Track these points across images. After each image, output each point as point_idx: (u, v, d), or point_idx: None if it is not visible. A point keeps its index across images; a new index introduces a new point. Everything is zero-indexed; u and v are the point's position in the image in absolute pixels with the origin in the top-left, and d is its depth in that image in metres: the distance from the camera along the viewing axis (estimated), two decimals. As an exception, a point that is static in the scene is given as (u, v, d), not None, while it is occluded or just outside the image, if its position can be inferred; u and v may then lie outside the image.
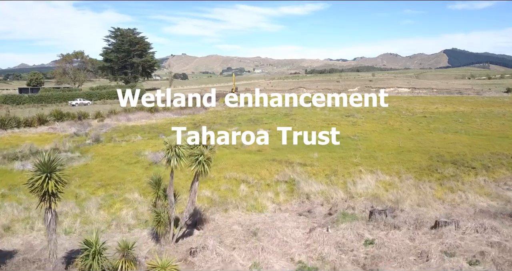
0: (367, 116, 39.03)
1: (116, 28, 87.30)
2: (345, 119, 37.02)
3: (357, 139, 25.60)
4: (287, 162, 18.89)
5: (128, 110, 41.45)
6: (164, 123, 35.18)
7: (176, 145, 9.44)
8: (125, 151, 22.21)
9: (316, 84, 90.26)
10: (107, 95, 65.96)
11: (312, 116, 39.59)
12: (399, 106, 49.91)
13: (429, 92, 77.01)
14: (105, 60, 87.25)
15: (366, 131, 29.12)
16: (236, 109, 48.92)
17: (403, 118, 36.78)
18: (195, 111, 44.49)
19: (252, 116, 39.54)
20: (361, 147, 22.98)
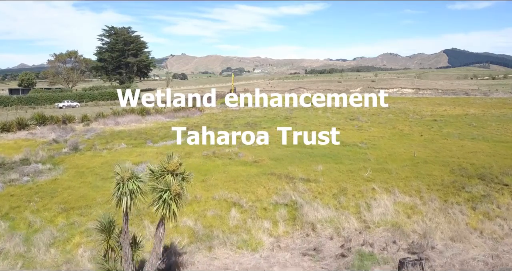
0: (373, 119, 36.46)
1: (110, 27, 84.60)
2: (350, 123, 34.44)
3: (365, 147, 23.01)
4: (287, 177, 16.30)
5: (118, 113, 38.88)
6: (154, 127, 32.59)
7: (130, 177, 6.83)
8: (104, 162, 19.61)
9: (317, 85, 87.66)
10: (100, 96, 63.29)
11: (314, 119, 37.01)
12: (405, 108, 47.34)
13: (434, 93, 74.39)
14: (99, 60, 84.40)
15: (374, 137, 26.53)
16: (233, 112, 46.32)
17: (412, 122, 34.20)
18: (189, 114, 41.89)
19: (250, 120, 36.96)
20: (370, 156, 20.39)
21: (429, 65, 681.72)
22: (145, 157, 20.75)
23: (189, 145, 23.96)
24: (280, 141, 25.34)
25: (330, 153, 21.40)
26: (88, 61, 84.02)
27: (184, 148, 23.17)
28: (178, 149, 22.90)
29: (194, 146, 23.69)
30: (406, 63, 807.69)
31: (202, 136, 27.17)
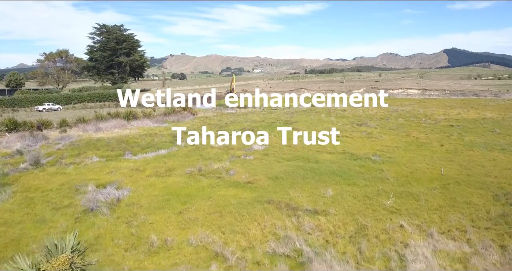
0: (383, 125, 32.96)
1: (101, 25, 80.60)
2: (357, 129, 30.95)
3: (379, 161, 19.51)
4: (289, 207, 12.80)
5: (101, 118, 35.37)
6: (139, 134, 29.06)
7: None
8: (64, 183, 16.08)
9: (318, 85, 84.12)
10: (89, 98, 59.70)
11: (317, 124, 33.51)
12: (415, 111, 43.82)
13: (442, 94, 70.89)
14: (90, 60, 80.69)
15: (388, 147, 23.02)
16: (229, 115, 42.83)
17: (427, 128, 30.69)
18: (180, 118, 38.38)
19: (246, 125, 33.45)
20: (388, 174, 16.89)
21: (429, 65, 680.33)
22: (116, 175, 17.24)
23: (172, 158, 20.46)
24: (280, 152, 21.89)
25: (339, 169, 17.89)
26: (80, 61, 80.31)
27: (166, 162, 19.66)
28: (159, 163, 19.41)
29: (178, 159, 20.19)
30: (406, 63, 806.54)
31: (189, 146, 23.69)
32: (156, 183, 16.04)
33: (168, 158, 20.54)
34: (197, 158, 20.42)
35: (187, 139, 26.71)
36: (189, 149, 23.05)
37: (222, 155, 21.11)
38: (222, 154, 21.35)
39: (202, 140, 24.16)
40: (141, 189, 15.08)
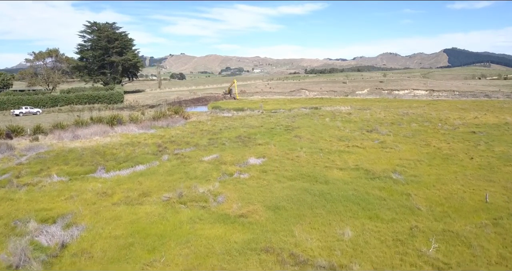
0: (395, 131, 29.43)
1: (92, 22, 76.79)
2: (368, 136, 27.41)
3: (402, 181, 15.96)
4: (294, 259, 9.26)
5: (81, 123, 31.82)
6: (120, 143, 25.49)
7: None
8: (2, 216, 12.51)
9: (320, 86, 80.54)
10: (76, 100, 56.03)
11: (322, 131, 29.96)
12: (427, 114, 40.27)
13: (451, 95, 67.29)
14: (80, 59, 76.99)
15: (409, 161, 19.46)
16: (224, 119, 39.25)
17: (446, 135, 27.15)
18: (170, 123, 34.81)
19: (242, 132, 29.91)
20: (417, 201, 13.40)
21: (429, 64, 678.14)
22: (76, 202, 13.68)
23: (150, 177, 16.90)
24: (281, 167, 18.35)
25: (356, 193, 14.35)
26: (70, 61, 76.49)
27: (141, 183, 16.09)
28: (133, 184, 15.86)
29: (158, 179, 16.63)
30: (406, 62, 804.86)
31: (173, 160, 20.14)
32: (123, 215, 12.50)
33: (145, 177, 16.98)
34: (181, 177, 16.86)
35: (174, 149, 23.21)
36: (173, 163, 19.49)
37: (211, 172, 17.57)
38: (211, 171, 17.80)
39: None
40: (101, 226, 11.54)
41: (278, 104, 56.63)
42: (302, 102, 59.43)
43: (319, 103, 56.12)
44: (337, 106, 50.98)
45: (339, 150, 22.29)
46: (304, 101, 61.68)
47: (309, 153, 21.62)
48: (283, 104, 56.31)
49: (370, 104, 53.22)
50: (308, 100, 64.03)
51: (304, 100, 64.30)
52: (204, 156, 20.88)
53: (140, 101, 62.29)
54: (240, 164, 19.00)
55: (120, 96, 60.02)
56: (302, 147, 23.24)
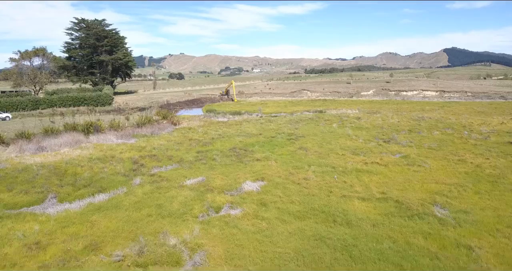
0: (416, 140, 25.14)
1: (80, 19, 72.15)
2: (386, 148, 23.09)
3: (452, 222, 11.67)
4: None
5: (52, 131, 27.51)
6: (90, 158, 21.13)
7: None
8: None
9: (322, 87, 76.24)
10: (60, 102, 51.70)
11: (331, 140, 25.64)
12: (446, 119, 35.99)
13: (463, 97, 62.97)
14: (68, 58, 72.43)
15: (448, 186, 15.15)
16: (219, 125, 34.90)
17: (479, 147, 22.83)
18: (156, 130, 30.50)
19: (238, 142, 25.59)
20: (488, 262, 9.10)
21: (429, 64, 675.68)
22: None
23: (109, 214, 12.58)
24: (285, 196, 14.07)
25: (393, 246, 10.05)
26: (57, 60, 71.97)
27: (94, 224, 11.78)
28: (82, 227, 11.55)
29: (118, 217, 12.31)
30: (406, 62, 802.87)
31: (146, 185, 15.84)
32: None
33: (103, 213, 12.66)
34: (150, 213, 12.55)
35: (152, 167, 18.92)
36: (146, 189, 15.17)
37: (192, 205, 13.27)
38: (193, 203, 13.50)
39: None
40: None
41: (279, 107, 52.37)
42: (304, 105, 55.14)
43: (323, 106, 51.84)
44: (343, 109, 46.71)
45: (356, 169, 17.98)
46: (306, 104, 57.39)
47: (319, 173, 17.32)
48: (284, 107, 52.03)
49: (379, 107, 48.95)
50: (310, 102, 59.73)
51: (306, 102, 60.01)
52: (187, 178, 16.57)
53: (130, 104, 57.99)
54: (232, 191, 14.70)
55: (108, 98, 55.67)
56: (310, 164, 18.94)
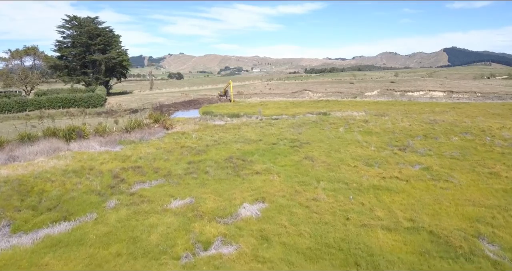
0: (435, 148, 22.44)
1: (71, 16, 69.29)
2: (403, 157, 20.37)
3: (507, 265, 8.95)
4: None
5: (29, 138, 24.78)
6: (65, 170, 18.38)
7: None
8: None
9: (325, 87, 73.56)
10: (48, 103, 48.96)
11: (340, 148, 22.91)
12: (461, 122, 33.27)
13: (473, 97, 60.30)
14: (59, 58, 69.69)
15: (489, 211, 12.45)
16: (215, 129, 32.17)
17: (508, 157, 20.14)
18: (146, 135, 27.78)
19: (235, 149, 22.88)
20: None
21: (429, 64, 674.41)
22: None
23: (66, 254, 9.85)
24: (292, 226, 11.37)
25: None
26: (49, 59, 69.23)
27: (44, 269, 9.04)
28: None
29: (76, 260, 9.59)
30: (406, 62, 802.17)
31: (122, 208, 13.16)
32: None
33: (60, 252, 9.93)
34: (120, 252, 9.83)
35: (134, 183, 16.22)
36: (121, 214, 12.45)
37: (175, 238, 10.56)
38: (176, 235, 10.79)
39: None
40: None
41: (280, 108, 49.64)
42: (306, 106, 52.43)
43: (326, 107, 49.13)
44: (348, 111, 44.00)
45: (373, 185, 15.26)
46: (308, 105, 54.68)
47: (330, 191, 14.61)
48: (285, 109, 49.31)
49: (386, 109, 46.25)
50: (313, 103, 57.01)
51: (308, 103, 57.30)
52: (174, 198, 13.86)
53: (123, 105, 55.25)
54: (226, 218, 11.99)
55: (100, 99, 52.92)
56: (318, 179, 16.22)
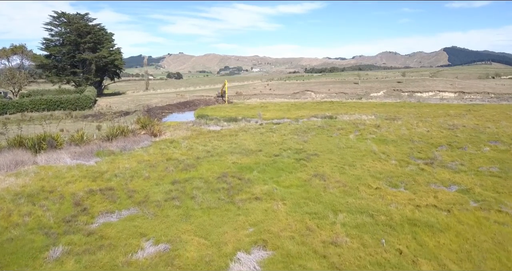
0: (466, 161, 18.93)
1: (60, 13, 65.66)
2: (432, 174, 16.84)
3: None
4: None
5: (-10, 148, 21.24)
6: (19, 193, 14.83)
7: None
8: None
9: (328, 87, 70.04)
10: (31, 105, 45.50)
11: (355, 161, 19.35)
12: (484, 128, 29.75)
13: (486, 98, 56.87)
14: (47, 57, 66.04)
15: None
16: (210, 136, 28.59)
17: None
18: (129, 144, 24.22)
19: (230, 163, 19.32)
20: None
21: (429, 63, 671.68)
22: None
23: None
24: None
25: None
26: (37, 58, 65.58)
27: None
28: None
29: None
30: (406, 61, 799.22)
31: (69, 261, 9.55)
32: None
33: None
34: None
35: (98, 214, 12.69)
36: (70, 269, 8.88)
37: None
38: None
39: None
40: None
41: (281, 111, 46.11)
42: (310, 108, 48.89)
43: (331, 110, 45.60)
44: (356, 114, 40.46)
45: (407, 219, 11.71)
46: (312, 107, 51.14)
47: (353, 227, 11.06)
48: (287, 111, 45.78)
49: (396, 111, 42.73)
50: (316, 105, 53.47)
51: (311, 105, 53.75)
52: (145, 240, 10.31)
53: (114, 107, 51.68)
54: (212, 279, 8.42)
55: (88, 101, 49.34)
56: (335, 208, 12.68)
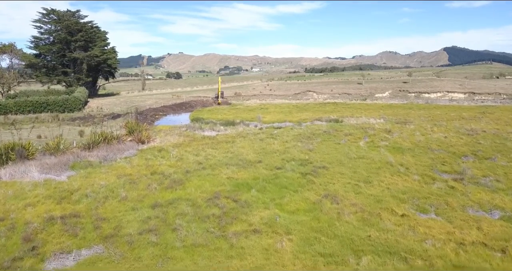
0: (501, 175, 16.13)
1: (49, 10, 62.86)
2: (465, 195, 14.04)
3: None
4: None
5: None
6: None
7: None
8: None
9: (330, 87, 67.34)
10: (16, 107, 42.75)
11: (371, 175, 16.52)
12: (508, 134, 26.96)
13: (498, 99, 54.16)
14: (37, 56, 63.23)
15: None
16: (203, 143, 25.71)
17: None
18: (111, 154, 21.37)
19: (225, 179, 16.47)
20: None
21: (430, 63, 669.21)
22: None
23: None
24: None
25: None
26: (26, 57, 62.79)
27: None
28: None
29: None
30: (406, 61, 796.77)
31: None
32: None
33: None
34: None
35: (51, 255, 9.88)
36: None
37: None
38: None
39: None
40: None
41: (282, 113, 43.29)
42: (312, 110, 46.08)
43: (336, 112, 42.79)
44: (363, 117, 37.65)
45: (452, 264, 8.90)
46: (315, 108, 48.33)
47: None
48: (289, 114, 42.96)
49: (405, 114, 39.92)
50: (320, 107, 50.64)
51: (314, 107, 50.94)
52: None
53: (105, 109, 48.89)
54: None
55: (78, 102, 46.55)
56: (355, 248, 9.87)
